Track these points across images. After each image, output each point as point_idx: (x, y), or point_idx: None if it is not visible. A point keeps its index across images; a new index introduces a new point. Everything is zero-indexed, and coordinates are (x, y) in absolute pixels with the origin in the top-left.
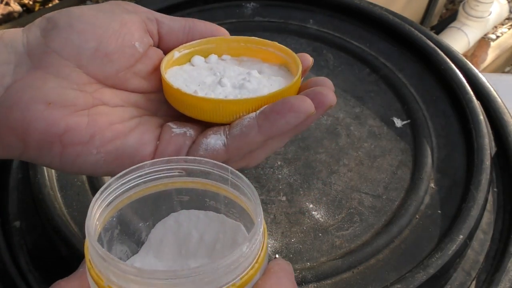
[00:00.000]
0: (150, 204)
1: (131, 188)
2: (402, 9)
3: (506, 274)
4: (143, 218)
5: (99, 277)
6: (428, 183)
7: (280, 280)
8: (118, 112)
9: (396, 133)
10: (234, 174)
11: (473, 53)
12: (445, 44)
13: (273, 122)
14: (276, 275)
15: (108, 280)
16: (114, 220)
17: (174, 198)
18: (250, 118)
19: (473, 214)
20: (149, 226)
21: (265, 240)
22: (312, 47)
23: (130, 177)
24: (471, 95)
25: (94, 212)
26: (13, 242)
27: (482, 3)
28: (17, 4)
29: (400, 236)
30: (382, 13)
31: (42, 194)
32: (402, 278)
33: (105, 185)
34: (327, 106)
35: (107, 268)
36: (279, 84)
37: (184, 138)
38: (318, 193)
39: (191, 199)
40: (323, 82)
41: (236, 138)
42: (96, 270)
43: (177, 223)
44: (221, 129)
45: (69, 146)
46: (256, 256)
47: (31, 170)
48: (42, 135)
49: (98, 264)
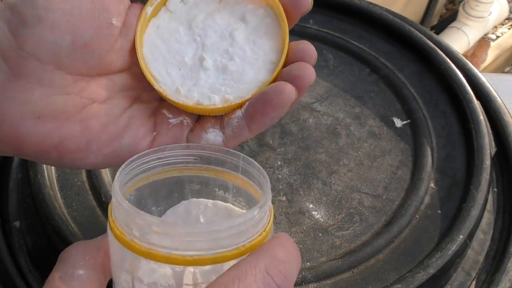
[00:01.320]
0: (164, 189)
1: (150, 169)
2: (402, 9)
3: (506, 274)
4: (156, 202)
5: (122, 232)
6: (428, 183)
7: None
8: (108, 110)
9: (396, 133)
10: (245, 160)
11: (473, 53)
12: (445, 44)
13: (260, 122)
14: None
15: (130, 234)
16: (132, 198)
17: (186, 187)
18: (238, 119)
19: (473, 214)
20: (161, 211)
21: (272, 217)
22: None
23: (150, 157)
24: (471, 95)
25: (121, 178)
26: (13, 242)
27: (482, 3)
28: None
29: (400, 236)
30: (382, 13)
31: (42, 194)
32: (402, 278)
33: (127, 162)
34: (307, 87)
35: (131, 221)
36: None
37: (181, 128)
38: (318, 193)
39: (201, 188)
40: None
41: (231, 138)
42: (119, 226)
43: (187, 211)
44: (217, 124)
45: (67, 154)
46: (264, 226)
47: (31, 170)
48: (37, 147)
49: (122, 219)
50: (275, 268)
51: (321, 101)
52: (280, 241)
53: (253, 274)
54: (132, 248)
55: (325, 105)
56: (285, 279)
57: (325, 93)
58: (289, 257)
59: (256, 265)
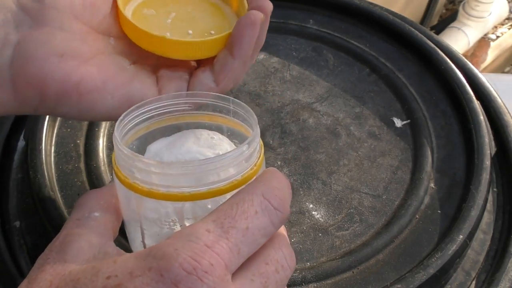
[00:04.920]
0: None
1: (148, 119)
2: (402, 9)
3: (506, 274)
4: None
5: (125, 176)
6: (428, 183)
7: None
8: (116, 60)
9: (396, 133)
10: (235, 103)
11: (473, 53)
12: (445, 44)
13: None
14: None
15: (133, 178)
16: (134, 147)
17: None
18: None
19: (473, 214)
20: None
21: (262, 153)
22: (312, 47)
23: (147, 108)
24: (471, 95)
25: (121, 125)
26: (13, 242)
27: (482, 3)
28: None
29: (400, 236)
30: (382, 13)
31: (42, 194)
32: (402, 278)
33: (126, 112)
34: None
35: (132, 165)
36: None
37: (181, 80)
38: (318, 193)
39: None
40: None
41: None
42: (122, 171)
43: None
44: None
45: (86, 94)
46: (255, 161)
47: (31, 170)
48: (60, 85)
49: (124, 164)
50: (271, 193)
51: (321, 101)
52: (272, 173)
53: (250, 200)
54: (135, 189)
55: (325, 105)
56: (281, 202)
57: (325, 93)
58: (282, 185)
59: (253, 192)
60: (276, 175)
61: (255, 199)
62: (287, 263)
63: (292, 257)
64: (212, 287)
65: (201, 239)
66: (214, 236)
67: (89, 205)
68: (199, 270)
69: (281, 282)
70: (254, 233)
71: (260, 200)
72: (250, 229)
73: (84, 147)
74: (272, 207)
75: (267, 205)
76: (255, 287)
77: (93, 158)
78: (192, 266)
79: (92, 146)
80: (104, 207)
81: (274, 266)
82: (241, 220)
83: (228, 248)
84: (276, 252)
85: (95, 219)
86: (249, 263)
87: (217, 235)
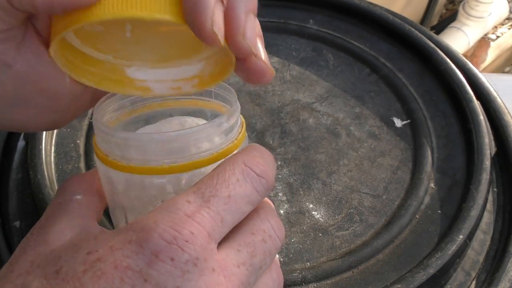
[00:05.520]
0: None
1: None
2: (402, 9)
3: (506, 274)
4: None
5: (105, 154)
6: (428, 183)
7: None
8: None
9: (396, 133)
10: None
11: (473, 53)
12: (445, 44)
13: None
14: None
15: (113, 155)
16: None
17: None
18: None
19: (473, 214)
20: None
21: (244, 128)
22: (312, 47)
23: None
24: (471, 95)
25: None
26: (13, 242)
27: (482, 3)
28: None
29: (400, 236)
30: (382, 13)
31: (42, 194)
32: (402, 278)
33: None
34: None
35: (110, 141)
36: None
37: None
38: (318, 193)
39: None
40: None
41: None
42: (102, 149)
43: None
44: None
45: None
46: (236, 135)
47: (31, 170)
48: None
49: (103, 142)
50: (253, 160)
51: (321, 101)
52: (254, 146)
53: (231, 169)
54: (115, 166)
55: (325, 105)
56: (264, 169)
57: (325, 93)
58: (265, 156)
59: (234, 161)
60: (257, 148)
61: (237, 168)
62: (275, 233)
63: (280, 228)
64: (194, 256)
65: (181, 209)
66: (195, 206)
67: (71, 189)
68: (179, 240)
69: (269, 252)
70: (237, 201)
71: (241, 168)
72: (233, 197)
73: (84, 147)
74: (254, 174)
75: (249, 172)
76: (242, 257)
77: (93, 158)
78: (172, 235)
79: (92, 146)
80: (86, 189)
81: (261, 235)
82: (222, 188)
83: (209, 217)
84: (262, 222)
85: (77, 201)
86: (234, 233)
87: (197, 205)
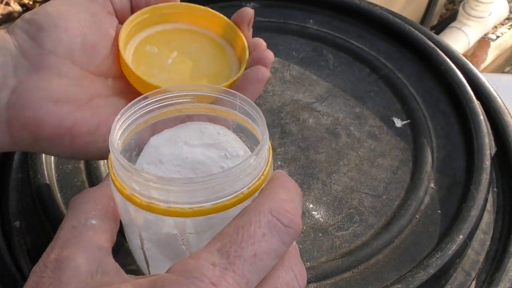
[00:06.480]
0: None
1: (148, 113)
2: (402, 9)
3: (506, 274)
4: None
5: (122, 186)
6: (428, 183)
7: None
8: (111, 103)
9: (396, 133)
10: (242, 99)
11: (473, 53)
12: (445, 44)
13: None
14: (278, 180)
15: (130, 189)
16: (132, 142)
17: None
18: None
19: (473, 214)
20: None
21: (270, 157)
22: (312, 47)
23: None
24: (471, 95)
25: (116, 130)
26: (13, 242)
27: (482, 3)
28: (17, 4)
29: (400, 236)
30: (382, 13)
31: (42, 194)
32: (402, 278)
33: (124, 108)
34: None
35: (129, 177)
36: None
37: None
38: (318, 193)
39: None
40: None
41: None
42: (119, 180)
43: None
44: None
45: (79, 137)
46: (263, 169)
47: (31, 170)
48: (54, 129)
49: (122, 175)
50: (280, 208)
51: (321, 101)
52: (280, 181)
53: (257, 221)
54: (133, 201)
55: (325, 105)
56: (292, 217)
57: (325, 93)
58: (291, 195)
59: (260, 211)
60: (284, 183)
61: (263, 219)
62: (297, 283)
63: (303, 275)
64: None
65: (206, 275)
66: (220, 270)
67: (85, 209)
68: None
69: None
70: (263, 259)
71: (268, 219)
72: (259, 255)
73: None
74: (282, 226)
75: (276, 223)
76: None
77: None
78: None
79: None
80: (102, 212)
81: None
82: (247, 246)
83: (235, 283)
84: (286, 273)
85: (92, 227)
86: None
87: (222, 268)
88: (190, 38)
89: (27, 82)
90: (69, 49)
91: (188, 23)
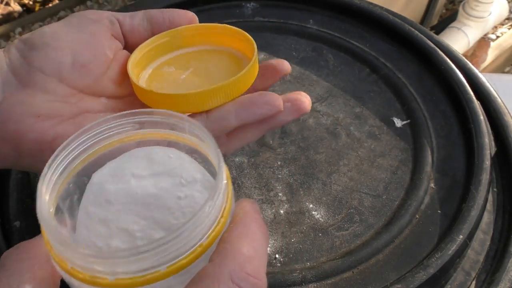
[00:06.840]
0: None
1: (83, 152)
2: (402, 9)
3: (506, 274)
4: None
5: (62, 260)
6: (428, 183)
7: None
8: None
9: (396, 133)
10: (190, 122)
11: (473, 53)
12: (445, 44)
13: (249, 111)
14: (242, 223)
15: (71, 263)
16: (71, 186)
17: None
18: (228, 106)
19: (473, 214)
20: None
21: (230, 189)
22: (312, 47)
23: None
24: (471, 95)
25: (43, 191)
26: (13, 242)
27: (482, 3)
28: (17, 4)
29: (400, 236)
30: (382, 13)
31: None
32: (402, 278)
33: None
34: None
35: (67, 252)
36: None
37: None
38: (318, 193)
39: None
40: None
41: (215, 121)
42: (57, 253)
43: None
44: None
45: None
46: (221, 210)
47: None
48: (34, 144)
49: (58, 249)
50: (241, 272)
51: (321, 101)
52: (243, 225)
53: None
54: (75, 276)
55: (325, 105)
56: (256, 281)
57: (325, 93)
58: (256, 245)
59: (219, 278)
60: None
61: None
62: None
63: None
64: None
65: None
66: None
67: (19, 271)
68: None
69: None
70: None
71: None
72: None
73: None
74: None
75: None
76: None
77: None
78: None
79: None
80: (38, 275)
81: None
82: None
83: None
84: None
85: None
86: None
87: None
88: (208, 57)
89: (12, 98)
90: (57, 67)
91: (208, 43)
